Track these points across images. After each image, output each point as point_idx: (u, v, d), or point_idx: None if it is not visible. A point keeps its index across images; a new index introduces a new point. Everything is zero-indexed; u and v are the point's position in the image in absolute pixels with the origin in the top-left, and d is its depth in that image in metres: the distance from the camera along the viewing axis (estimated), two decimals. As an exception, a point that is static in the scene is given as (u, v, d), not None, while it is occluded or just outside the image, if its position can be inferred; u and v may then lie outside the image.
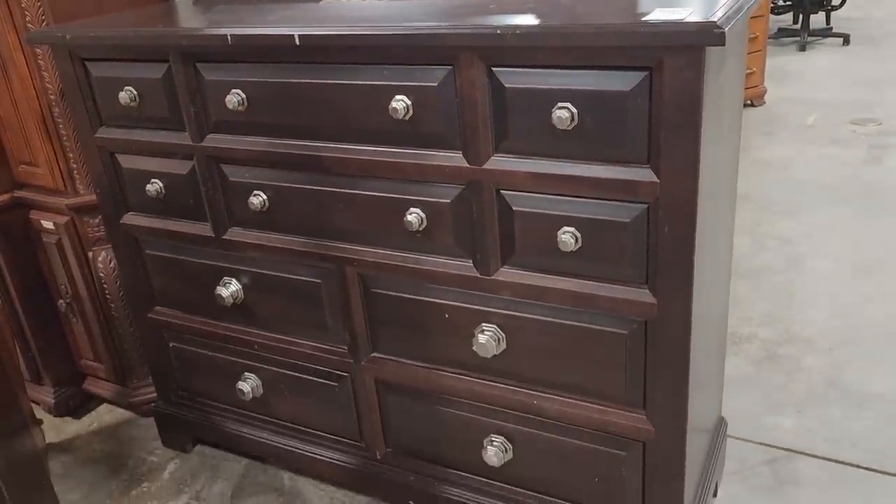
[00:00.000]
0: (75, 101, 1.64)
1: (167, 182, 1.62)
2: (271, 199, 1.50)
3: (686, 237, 1.15)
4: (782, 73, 5.15)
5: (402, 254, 1.41)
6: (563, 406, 1.38)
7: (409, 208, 1.35)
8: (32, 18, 1.70)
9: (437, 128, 1.27)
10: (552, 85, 1.14)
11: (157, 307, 1.83)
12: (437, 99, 1.24)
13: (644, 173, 1.13)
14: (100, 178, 1.71)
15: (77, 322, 2.06)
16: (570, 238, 1.21)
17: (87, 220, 1.90)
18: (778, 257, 2.76)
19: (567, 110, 1.13)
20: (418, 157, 1.31)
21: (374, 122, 1.32)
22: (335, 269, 1.50)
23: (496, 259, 1.32)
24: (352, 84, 1.31)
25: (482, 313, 1.38)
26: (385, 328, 1.52)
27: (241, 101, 1.42)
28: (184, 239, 1.66)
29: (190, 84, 1.47)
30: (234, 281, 1.65)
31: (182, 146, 1.55)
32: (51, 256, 1.99)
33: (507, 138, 1.22)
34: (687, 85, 1.04)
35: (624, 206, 1.17)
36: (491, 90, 1.20)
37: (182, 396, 1.93)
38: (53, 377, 2.13)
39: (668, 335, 1.23)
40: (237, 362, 1.76)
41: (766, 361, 2.18)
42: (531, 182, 1.22)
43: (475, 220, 1.31)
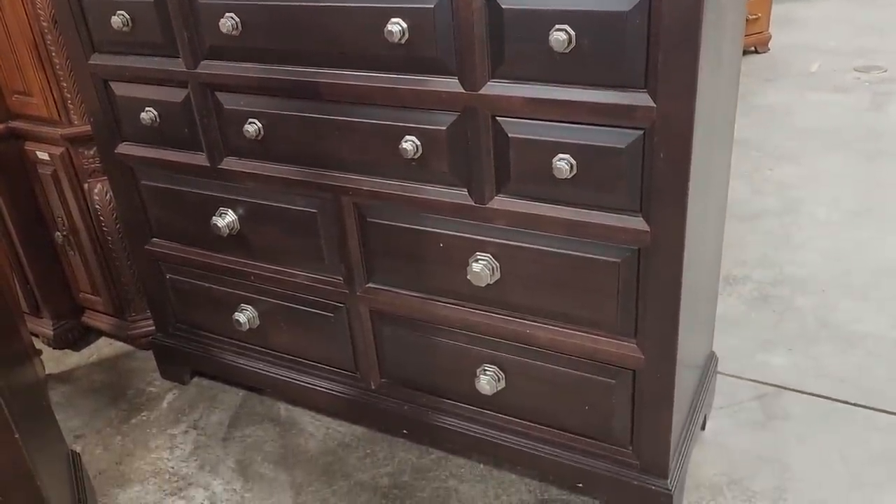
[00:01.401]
0: (67, 27, 1.62)
1: (162, 110, 1.60)
2: (266, 127, 1.49)
3: (681, 164, 1.14)
4: (788, 20, 5.06)
5: (397, 182, 1.41)
6: (556, 335, 1.40)
7: (405, 136, 1.34)
8: (22, -59, 1.67)
9: (433, 52, 1.25)
10: (550, 6, 1.12)
11: (153, 239, 1.83)
12: (433, 22, 1.22)
13: (641, 97, 1.12)
14: (93, 107, 1.70)
15: (74, 255, 2.06)
16: (566, 165, 1.21)
17: (83, 151, 1.89)
18: (776, 202, 2.76)
19: (565, 32, 1.11)
20: (414, 83, 1.29)
21: (369, 47, 1.30)
22: (331, 199, 1.50)
23: (491, 187, 1.32)
24: (347, 6, 1.28)
25: (477, 242, 1.39)
26: (380, 258, 1.53)
27: (234, 25, 1.40)
28: (179, 169, 1.66)
29: (183, 7, 1.45)
30: (229, 211, 1.65)
31: (176, 73, 1.53)
32: (46, 188, 1.99)
33: (503, 63, 1.21)
34: (686, 5, 1.03)
35: (620, 132, 1.17)
36: (488, 12, 1.18)
37: (180, 329, 1.95)
38: (52, 310, 2.15)
39: (660, 264, 1.24)
40: (234, 294, 1.77)
41: (758, 301, 2.20)
42: (527, 108, 1.21)
43: (470, 148, 1.30)
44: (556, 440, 1.52)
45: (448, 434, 1.64)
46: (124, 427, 1.89)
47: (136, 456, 1.80)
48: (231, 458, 1.77)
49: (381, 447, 1.76)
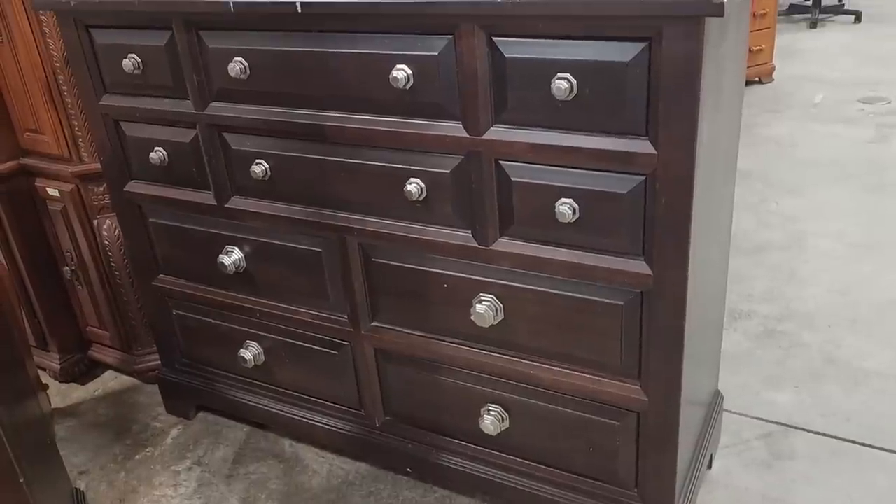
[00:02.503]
0: (80, 69, 1.65)
1: (170, 150, 1.63)
2: (273, 167, 1.51)
3: (683, 209, 1.15)
4: (792, 51, 5.10)
5: (402, 223, 1.42)
6: (559, 376, 1.40)
7: (409, 178, 1.36)
8: (37, -15, 1.70)
9: (438, 98, 1.27)
10: (552, 55, 1.14)
11: (160, 275, 1.85)
12: (438, 69, 1.24)
13: (642, 145, 1.14)
14: (104, 146, 1.72)
15: (82, 289, 2.08)
16: (568, 209, 1.22)
17: (92, 187, 1.92)
18: (781, 235, 2.76)
19: (566, 81, 1.13)
20: (418, 127, 1.31)
21: (374, 92, 1.32)
22: (336, 239, 1.52)
23: (494, 229, 1.33)
24: (353, 53, 1.31)
25: (480, 283, 1.40)
26: (385, 297, 1.54)
27: (243, 70, 1.43)
28: (187, 207, 1.68)
29: (193, 52, 1.48)
30: (236, 249, 1.66)
31: (185, 114, 1.56)
32: (56, 224, 2.01)
33: (506, 109, 1.23)
34: (686, 56, 1.04)
35: (622, 178, 1.18)
36: (491, 60, 1.20)
37: (185, 364, 1.96)
38: (59, 344, 2.16)
39: (663, 306, 1.24)
40: (239, 330, 1.78)
41: (764, 337, 2.19)
42: (530, 153, 1.23)
43: (474, 191, 1.31)
44: (560, 481, 1.52)
45: (452, 473, 1.64)
46: (129, 463, 1.89)
47: (140, 493, 1.79)
48: (235, 497, 1.76)
49: (385, 485, 1.76)
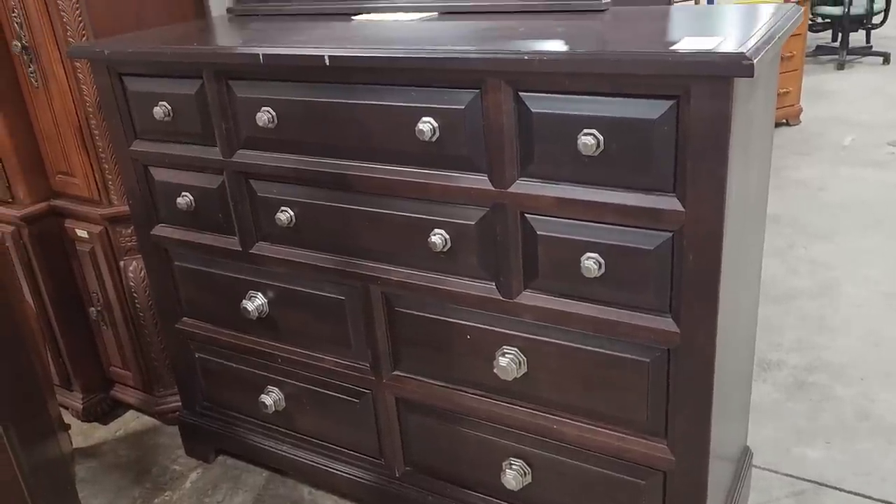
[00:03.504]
0: (111, 115, 1.68)
1: (197, 195, 1.64)
2: (298, 215, 1.52)
3: (711, 267, 1.13)
4: (819, 92, 5.07)
5: (425, 274, 1.42)
6: (583, 432, 1.37)
7: (434, 229, 1.36)
8: (73, 33, 1.75)
9: (463, 150, 1.27)
10: (578, 111, 1.14)
11: (184, 318, 1.85)
12: (464, 122, 1.25)
13: (669, 202, 1.12)
14: (133, 190, 1.74)
15: (107, 329, 2.09)
16: (594, 264, 1.21)
17: (120, 230, 1.94)
18: (810, 282, 2.71)
19: (593, 137, 1.13)
20: (443, 179, 1.31)
21: (400, 143, 1.33)
22: (359, 287, 1.51)
23: (519, 282, 1.32)
24: (380, 105, 1.32)
25: (504, 336, 1.38)
26: (407, 347, 1.52)
27: (271, 119, 1.44)
28: (212, 252, 1.69)
29: (222, 100, 1.50)
30: (259, 295, 1.66)
31: (213, 161, 1.58)
32: (84, 265, 2.04)
33: (532, 162, 1.22)
34: (714, 114, 1.03)
35: (648, 234, 1.16)
36: (517, 115, 1.20)
37: (206, 407, 1.95)
38: (83, 383, 2.17)
39: (691, 364, 1.22)
40: (261, 375, 1.78)
41: (794, 389, 2.14)
42: (556, 207, 1.22)
43: (499, 243, 1.30)
44: (584, 539, 1.48)
45: (473, 527, 1.61)
46: (147, 507, 1.88)
47: (158, 538, 1.78)
48: (252, 544, 1.74)
49: (404, 537, 1.72)
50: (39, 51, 1.81)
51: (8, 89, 1.89)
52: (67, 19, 1.74)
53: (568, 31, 1.29)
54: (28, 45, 1.81)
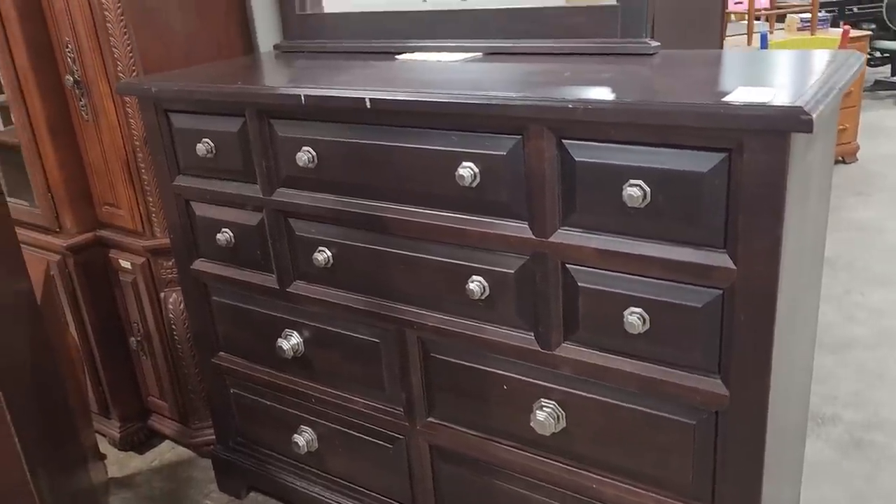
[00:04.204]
0: (157, 150, 1.70)
1: (237, 232, 1.64)
2: (335, 255, 1.50)
3: (764, 327, 1.07)
4: (878, 129, 4.91)
5: (462, 320, 1.38)
6: (623, 493, 1.31)
7: (472, 276, 1.32)
8: (124, 68, 1.78)
9: (504, 197, 1.24)
10: (624, 161, 1.10)
11: (221, 352, 1.85)
12: (505, 168, 1.21)
13: (719, 258, 1.07)
14: (175, 224, 1.75)
15: (146, 360, 2.10)
16: (637, 319, 1.15)
17: (162, 261, 1.95)
18: (868, 330, 2.58)
19: (639, 188, 1.08)
20: (483, 225, 1.28)
21: (440, 187, 1.30)
22: (395, 331, 1.48)
23: (558, 334, 1.27)
24: (420, 148, 1.30)
25: (542, 388, 1.33)
26: (442, 393, 1.48)
27: (311, 159, 1.43)
28: (249, 288, 1.68)
29: (263, 139, 1.50)
30: (295, 334, 1.65)
31: (253, 198, 1.57)
32: (126, 295, 2.05)
33: (574, 212, 1.18)
34: (769, 170, 0.98)
35: (696, 291, 1.11)
36: (560, 162, 1.16)
37: (240, 443, 1.93)
38: (121, 412, 2.18)
39: (740, 428, 1.15)
40: (294, 414, 1.76)
41: (851, 447, 2.02)
42: (598, 258, 1.17)
43: (538, 293, 1.26)
44: None
45: (505, 584, 1.54)
46: (177, 543, 1.86)
47: (186, 576, 1.76)
48: (279, 588, 1.70)
49: (435, 588, 1.66)
50: (91, 85, 1.84)
51: (60, 122, 1.93)
52: (119, 55, 1.77)
53: (615, 77, 1.25)
54: (80, 79, 1.85)
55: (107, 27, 1.74)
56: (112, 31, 1.74)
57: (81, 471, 1.73)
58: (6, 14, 1.82)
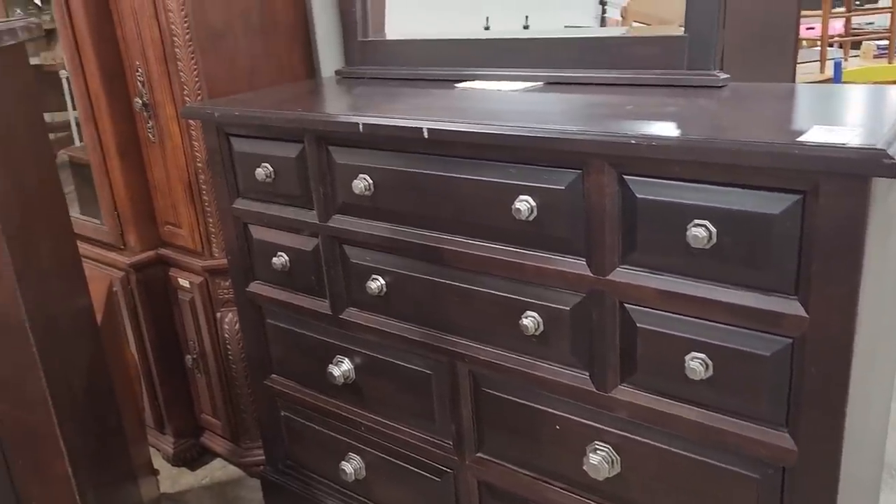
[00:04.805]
0: (218, 172, 1.72)
1: (292, 256, 1.65)
2: (389, 284, 1.49)
3: (838, 380, 1.00)
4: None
5: (515, 356, 1.34)
6: (680, 545, 1.24)
7: (526, 311, 1.28)
8: (190, 92, 1.82)
9: (561, 232, 1.20)
10: (689, 200, 1.05)
11: (273, 375, 1.85)
12: (563, 203, 1.18)
13: (790, 305, 1.01)
14: (232, 246, 1.77)
15: (201, 377, 2.13)
16: (700, 365, 1.10)
17: (219, 281, 1.98)
18: (948, 376, 2.43)
19: (704, 228, 1.03)
20: (539, 260, 1.24)
21: (496, 220, 1.27)
22: (446, 363, 1.45)
23: (615, 375, 1.22)
24: (477, 179, 1.27)
25: (596, 430, 1.28)
26: (493, 429, 1.45)
27: (367, 187, 1.43)
28: (302, 313, 1.68)
29: (321, 165, 1.50)
30: (346, 360, 1.64)
31: (309, 224, 1.57)
32: (184, 313, 2.09)
33: (635, 250, 1.13)
34: (847, 214, 0.92)
35: (764, 338, 1.05)
36: (621, 199, 1.12)
37: (288, 465, 1.93)
38: (175, 427, 2.21)
39: (809, 486, 1.07)
40: (343, 441, 1.74)
41: (928, 502, 1.89)
42: (659, 299, 1.13)
43: (595, 332, 1.22)
44: None
45: None
46: (223, 564, 1.86)
47: None
48: None
49: None
50: (158, 108, 1.89)
51: (128, 143, 1.99)
52: (185, 79, 1.81)
53: (680, 112, 1.21)
54: (148, 102, 1.90)
55: (175, 52, 1.79)
56: (180, 56, 1.78)
57: (132, 486, 1.75)
58: (81, 40, 1.89)
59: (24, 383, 1.04)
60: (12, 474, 1.05)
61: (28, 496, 1.07)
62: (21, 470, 1.06)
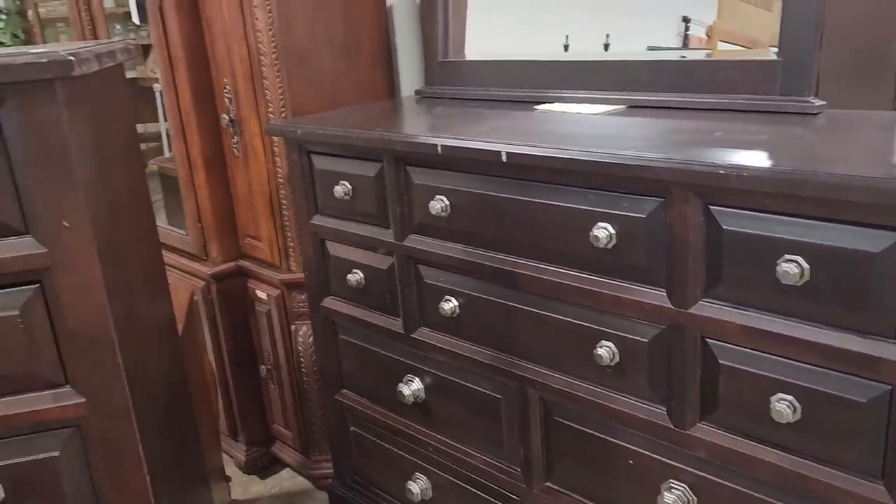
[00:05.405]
0: (297, 189, 1.76)
1: (367, 274, 1.66)
2: (462, 306, 1.48)
3: (940, 433, 0.93)
4: None
5: (588, 386, 1.31)
6: None
7: (601, 340, 1.25)
8: (274, 109, 1.86)
9: (641, 262, 1.17)
10: (780, 234, 1.00)
11: (344, 390, 1.87)
12: (644, 232, 1.14)
13: (889, 350, 0.95)
14: (309, 261, 1.80)
15: (274, 388, 2.17)
16: (787, 408, 1.04)
17: (295, 295, 2.01)
18: None
19: (796, 265, 0.98)
20: (616, 289, 1.21)
21: (572, 246, 1.25)
22: (517, 389, 1.43)
23: (694, 412, 1.17)
24: (554, 205, 1.25)
25: (672, 468, 1.23)
26: (562, 459, 1.41)
27: (444, 208, 1.42)
28: (375, 330, 1.69)
29: (399, 185, 1.51)
30: (416, 380, 1.63)
31: (385, 242, 1.58)
32: (260, 324, 2.13)
33: (719, 284, 1.09)
34: (957, 255, 0.86)
35: (860, 383, 0.99)
36: (706, 230, 1.08)
37: (356, 481, 1.94)
38: (247, 436, 2.26)
39: (905, 544, 1.00)
40: (410, 460, 1.74)
41: None
42: (744, 336, 1.08)
43: (674, 366, 1.17)
44: None
45: None
46: (289, 575, 1.88)
47: None
48: None
49: None
50: (243, 124, 1.94)
51: (215, 158, 2.05)
52: (270, 97, 1.85)
53: (772, 140, 1.15)
54: (234, 118, 1.96)
55: (262, 71, 1.84)
56: (266, 75, 1.83)
57: (205, 491, 1.79)
58: (175, 59, 1.97)
59: (110, 393, 1.08)
60: (94, 481, 1.09)
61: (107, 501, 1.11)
62: (101, 476, 1.10)
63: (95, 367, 1.07)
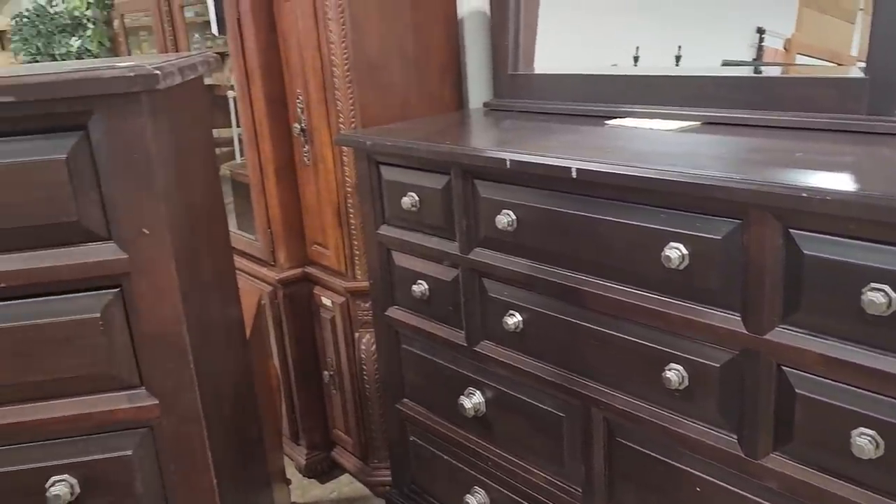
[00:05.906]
0: (365, 198, 1.78)
1: (432, 285, 1.66)
2: (526, 321, 1.47)
3: None
4: None
5: (654, 408, 1.28)
6: None
7: (670, 363, 1.22)
8: (345, 120, 1.89)
9: (715, 284, 1.13)
10: (865, 261, 0.96)
11: (404, 399, 1.87)
12: (719, 254, 1.11)
13: (983, 388, 0.89)
14: (374, 270, 1.82)
15: (336, 394, 2.19)
16: (869, 443, 0.99)
17: (359, 303, 2.03)
18: None
19: (883, 294, 0.94)
20: (687, 311, 1.18)
21: (641, 265, 1.22)
22: (580, 407, 1.41)
23: (767, 442, 1.13)
24: (625, 223, 1.23)
25: (742, 498, 1.19)
26: (625, 482, 1.38)
27: (510, 222, 1.42)
28: (437, 342, 1.69)
29: (466, 198, 1.51)
30: (477, 393, 1.63)
31: (450, 255, 1.59)
32: (324, 330, 2.16)
33: (798, 311, 1.05)
34: None
35: (949, 421, 0.93)
36: (785, 254, 1.04)
37: (413, 490, 1.94)
38: (309, 440, 2.29)
39: None
40: (469, 473, 1.73)
41: None
42: (823, 366, 1.03)
43: (747, 393, 1.13)
44: None
45: None
46: (345, 581, 1.90)
47: None
48: None
49: None
50: (314, 133, 1.98)
51: (285, 166, 2.10)
52: (341, 107, 1.88)
53: (858, 161, 1.11)
54: (306, 127, 2.00)
55: (334, 82, 1.87)
56: (338, 86, 1.86)
57: (267, 493, 1.82)
58: (251, 69, 2.02)
59: (182, 395, 1.11)
60: (164, 481, 1.12)
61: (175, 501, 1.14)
62: (170, 480, 1.13)
63: (169, 370, 1.10)
